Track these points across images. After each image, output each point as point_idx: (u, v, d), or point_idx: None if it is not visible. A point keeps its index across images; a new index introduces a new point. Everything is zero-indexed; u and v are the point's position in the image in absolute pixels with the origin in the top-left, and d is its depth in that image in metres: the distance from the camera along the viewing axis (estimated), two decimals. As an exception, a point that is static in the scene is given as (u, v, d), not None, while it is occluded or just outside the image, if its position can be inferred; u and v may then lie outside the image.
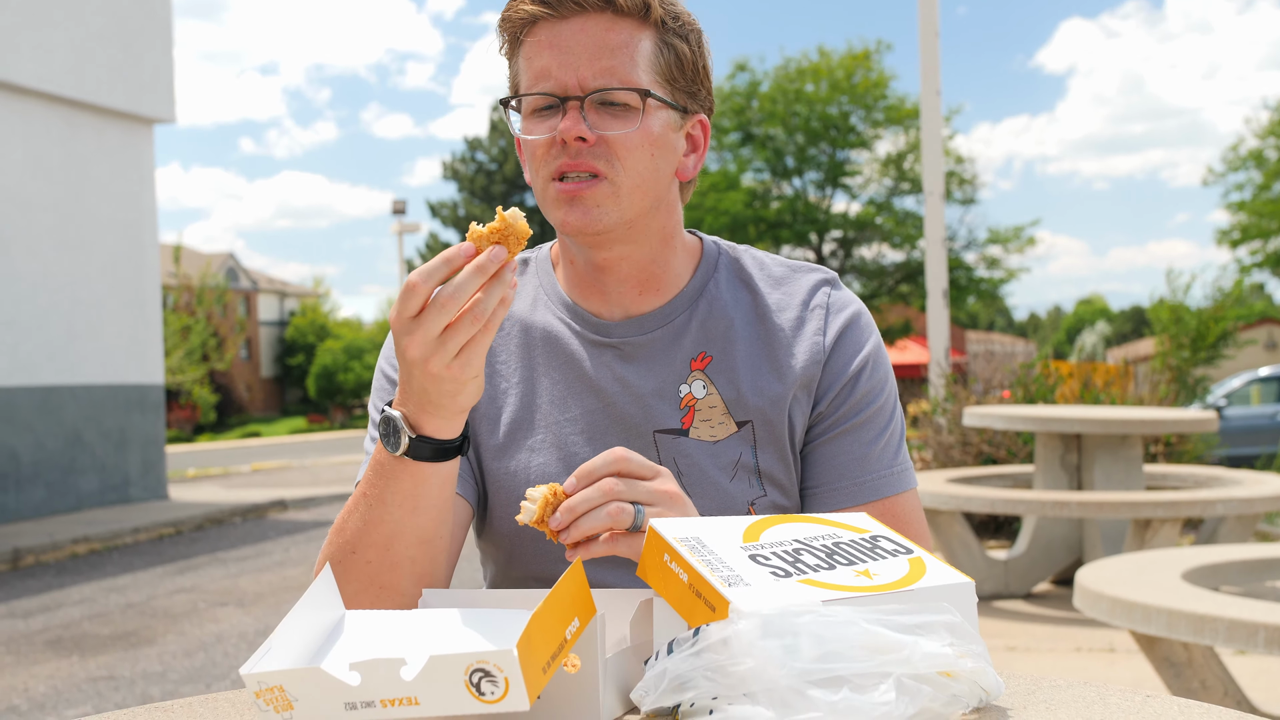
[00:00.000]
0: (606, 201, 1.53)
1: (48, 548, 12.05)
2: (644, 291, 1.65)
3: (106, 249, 15.66)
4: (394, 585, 1.46)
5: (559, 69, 1.51)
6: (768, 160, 38.01)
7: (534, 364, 1.67)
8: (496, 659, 0.97)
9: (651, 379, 1.62)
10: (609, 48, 1.51)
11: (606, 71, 1.51)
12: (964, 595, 1.15)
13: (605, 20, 1.52)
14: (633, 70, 1.52)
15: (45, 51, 14.46)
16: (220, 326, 39.26)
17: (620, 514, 1.31)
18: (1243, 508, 6.81)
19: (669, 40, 1.55)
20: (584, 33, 1.51)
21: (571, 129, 1.50)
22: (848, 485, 1.61)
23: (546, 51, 1.52)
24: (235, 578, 10.37)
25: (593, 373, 1.64)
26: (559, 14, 1.52)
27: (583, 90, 1.51)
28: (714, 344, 1.63)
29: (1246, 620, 3.46)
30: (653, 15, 1.53)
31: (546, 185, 1.55)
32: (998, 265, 38.46)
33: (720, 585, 1.07)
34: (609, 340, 1.64)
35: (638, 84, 1.52)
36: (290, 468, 25.22)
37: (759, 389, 1.60)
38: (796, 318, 1.64)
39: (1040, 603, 7.69)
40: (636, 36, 1.53)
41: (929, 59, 12.26)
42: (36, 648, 7.69)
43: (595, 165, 1.51)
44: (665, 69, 1.55)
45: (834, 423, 1.62)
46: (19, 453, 14.32)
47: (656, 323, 1.64)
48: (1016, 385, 11.09)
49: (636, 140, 1.53)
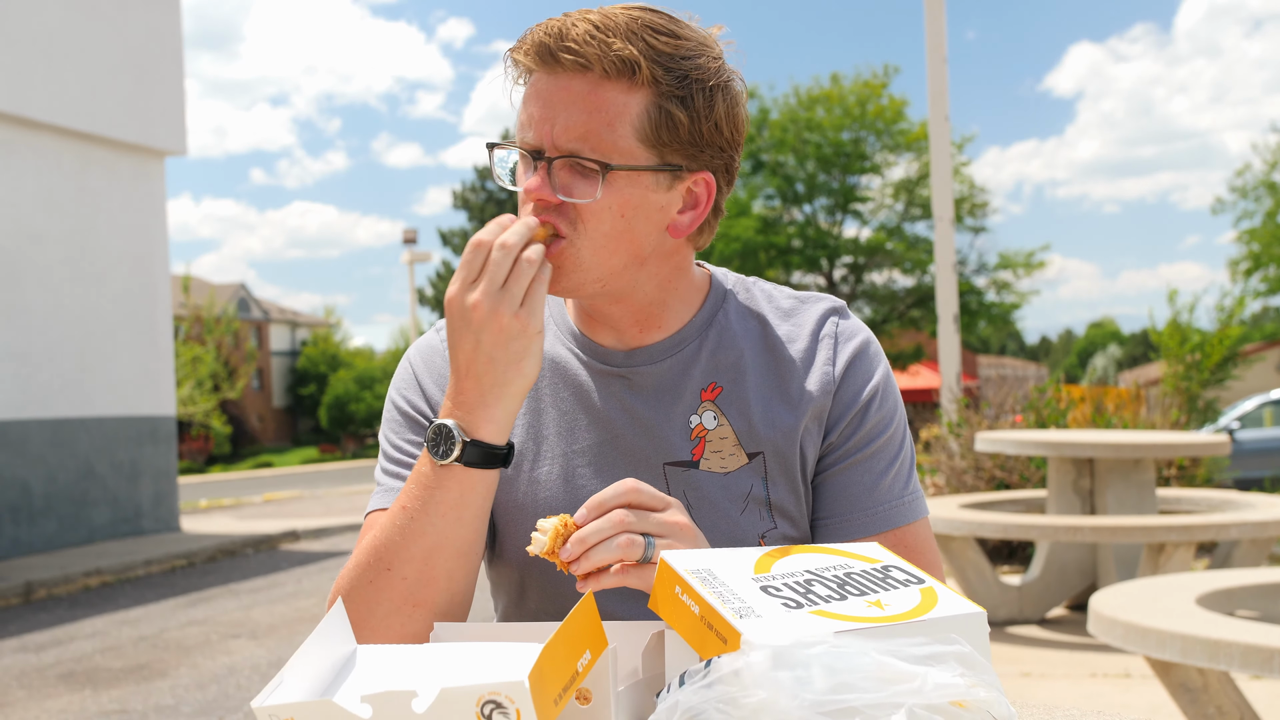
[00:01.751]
0: (567, 263, 1.52)
1: (59, 581, 12.05)
2: (644, 330, 1.64)
3: (118, 281, 15.72)
4: (429, 602, 1.45)
5: (538, 123, 1.51)
6: (778, 187, 38.11)
7: (541, 393, 1.66)
8: (508, 690, 0.97)
9: (661, 410, 1.61)
10: (587, 109, 1.48)
11: (579, 136, 1.48)
12: (976, 625, 1.15)
13: (592, 80, 1.48)
14: (608, 135, 1.48)
15: (58, 85, 14.56)
16: (231, 357, 39.36)
17: (631, 546, 1.31)
18: (1257, 531, 6.78)
19: (663, 103, 1.49)
20: (568, 91, 1.49)
21: (534, 190, 1.50)
22: (859, 516, 1.60)
23: (533, 102, 1.52)
24: (248, 609, 10.36)
25: (601, 403, 1.63)
26: (546, 68, 1.50)
27: (554, 149, 1.50)
28: (724, 375, 1.62)
29: (1262, 645, 3.44)
30: (640, 76, 1.48)
31: None
32: (1008, 289, 38.46)
33: (732, 617, 1.07)
34: (618, 370, 1.64)
35: (611, 152, 1.49)
36: (302, 498, 25.23)
37: (771, 420, 1.60)
38: (806, 348, 1.63)
39: (1055, 628, 7.66)
40: (624, 100, 1.48)
41: (937, 84, 12.29)
42: (49, 681, 7.68)
43: (558, 225, 1.51)
44: (652, 132, 1.50)
45: (845, 453, 1.61)
46: (31, 485, 14.35)
47: (665, 353, 1.63)
48: (1028, 409, 11.07)
49: (600, 207, 1.50)
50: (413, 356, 1.73)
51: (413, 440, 1.65)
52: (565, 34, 1.47)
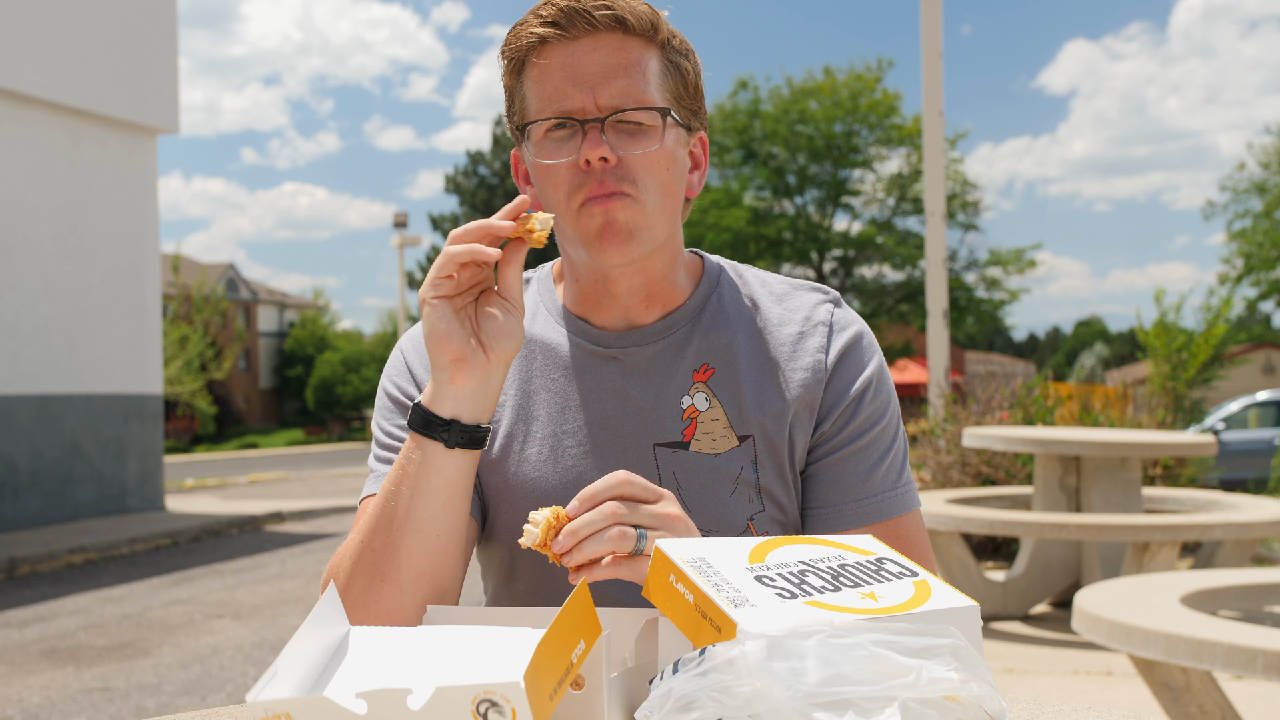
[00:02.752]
0: (636, 220, 1.52)
1: (44, 557, 12.03)
2: (649, 304, 1.64)
3: (108, 258, 15.67)
4: (393, 577, 1.44)
5: (574, 91, 1.50)
6: (769, 179, 38.09)
7: (532, 375, 1.66)
8: (504, 690, 0.97)
9: (652, 391, 1.61)
10: (623, 66, 1.51)
11: (623, 92, 1.50)
12: (969, 619, 1.15)
13: (616, 39, 1.51)
14: (646, 89, 1.52)
15: (51, 60, 14.49)
16: (219, 337, 39.23)
17: (623, 538, 1.30)
18: (1241, 532, 6.81)
19: (673, 59, 1.56)
20: (596, 52, 1.51)
21: (594, 150, 1.49)
22: (852, 507, 1.60)
23: (558, 73, 1.51)
24: (232, 589, 10.35)
25: (592, 384, 1.63)
26: (570, 34, 1.51)
27: (600, 111, 1.50)
28: (716, 356, 1.62)
29: (1245, 645, 3.45)
30: (660, 34, 1.54)
31: (578, 213, 1.53)
32: (998, 286, 38.53)
33: (726, 606, 1.07)
34: (609, 351, 1.64)
35: (654, 103, 1.52)
36: (288, 479, 25.20)
37: (761, 404, 1.60)
38: (798, 333, 1.63)
39: (1038, 624, 7.69)
40: (646, 55, 1.53)
41: (931, 80, 12.29)
42: (31, 658, 7.67)
43: (621, 187, 1.50)
44: (674, 87, 1.55)
45: (837, 444, 1.61)
46: (16, 462, 14.31)
47: (658, 334, 1.64)
48: (1016, 406, 11.10)
49: (657, 159, 1.52)
50: (404, 344, 1.73)
51: (403, 427, 1.65)
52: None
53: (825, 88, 36.78)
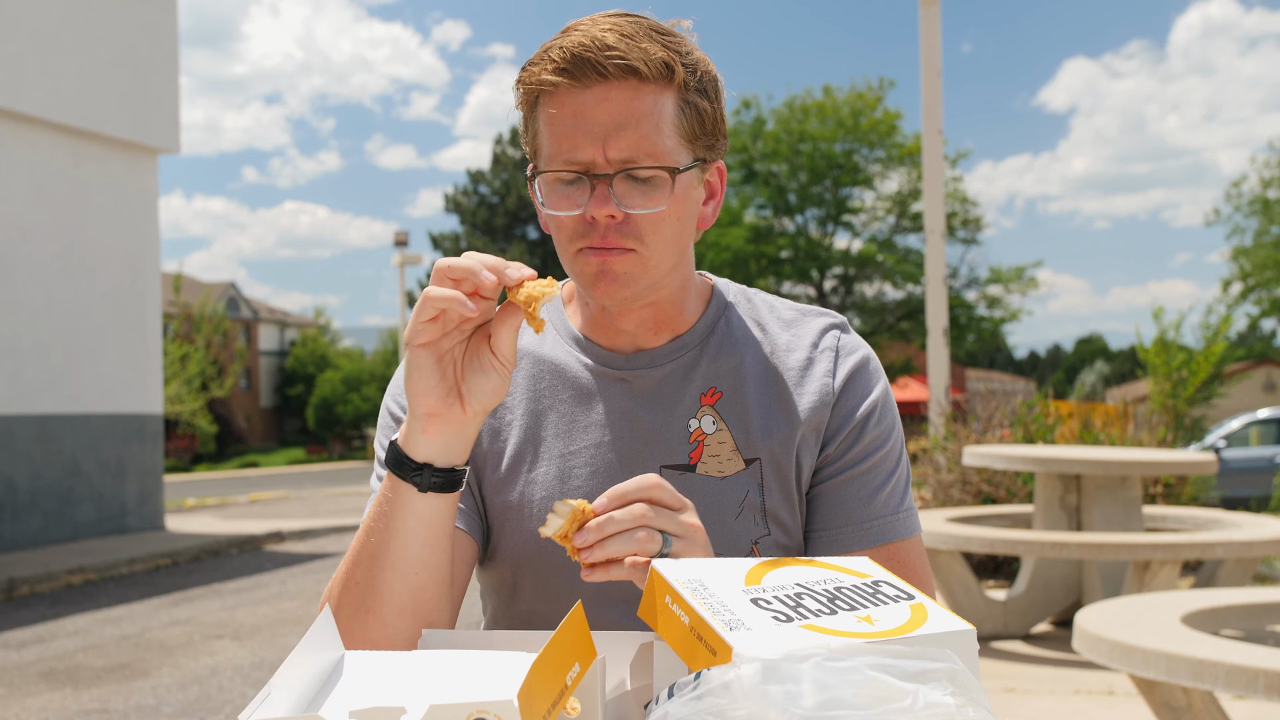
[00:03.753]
0: (635, 271, 1.51)
1: (43, 578, 12.00)
2: (658, 331, 1.64)
3: (108, 278, 15.69)
4: (377, 610, 1.43)
5: (584, 142, 1.47)
6: (770, 197, 38.16)
7: (540, 395, 1.66)
8: (497, 709, 0.97)
9: (660, 413, 1.61)
10: (634, 118, 1.47)
11: (633, 145, 1.47)
12: (965, 642, 1.15)
13: (629, 88, 1.47)
14: (658, 139, 1.48)
15: (52, 80, 14.53)
16: (220, 356, 39.23)
17: (649, 541, 1.28)
18: (1242, 551, 6.80)
19: (690, 100, 1.52)
20: (608, 102, 1.47)
21: (601, 209, 1.47)
22: (854, 530, 1.60)
23: (569, 121, 1.48)
24: (231, 610, 10.33)
25: (600, 406, 1.63)
26: (581, 83, 1.47)
27: (609, 165, 1.48)
28: (724, 380, 1.62)
29: (1246, 665, 3.44)
30: (676, 78, 1.49)
31: (575, 257, 1.53)
32: (999, 304, 38.55)
33: (722, 629, 1.06)
34: (618, 373, 1.63)
35: (664, 155, 1.49)
36: (288, 499, 25.17)
37: (768, 428, 1.59)
38: (806, 359, 1.63)
39: (1039, 644, 7.66)
40: (660, 102, 1.49)
41: (931, 98, 12.33)
42: (30, 679, 7.65)
43: (624, 243, 1.49)
44: (688, 129, 1.52)
45: (841, 466, 1.61)
46: (16, 482, 14.29)
47: (667, 357, 1.64)
48: (1016, 424, 11.08)
49: (665, 215, 1.51)
50: None
51: None
52: (604, 44, 1.46)
53: (826, 106, 36.87)
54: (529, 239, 48.24)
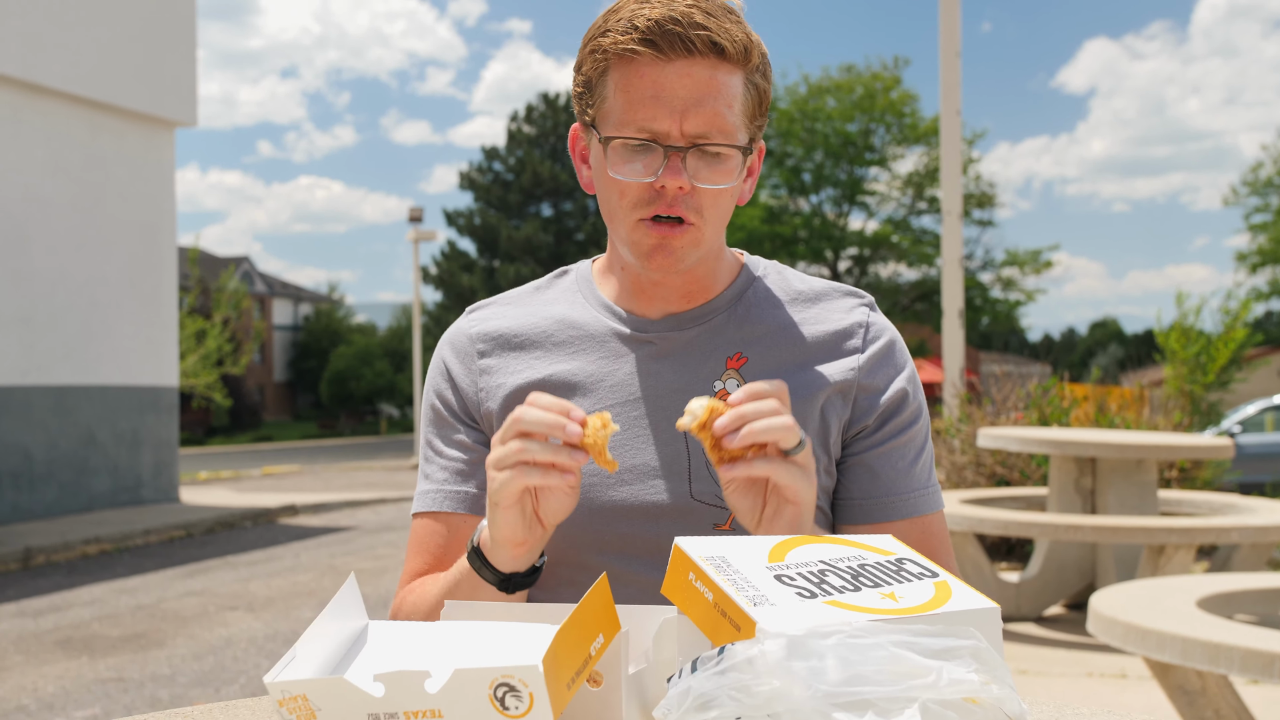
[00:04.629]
0: (690, 246, 1.55)
1: (59, 548, 12.08)
2: (689, 299, 1.67)
3: (125, 250, 15.73)
4: None
5: (663, 114, 1.49)
6: (785, 177, 38.05)
7: (568, 356, 1.68)
8: (522, 674, 0.97)
9: (686, 374, 1.63)
10: (712, 94, 1.50)
11: (709, 121, 1.50)
12: (989, 620, 1.15)
13: (709, 65, 1.49)
14: (730, 117, 1.51)
15: (70, 53, 14.54)
16: (236, 331, 39.39)
17: (789, 431, 1.33)
18: (1258, 535, 6.78)
19: (755, 80, 1.55)
20: (689, 77, 1.49)
21: (674, 179, 1.50)
22: (892, 500, 1.63)
23: (648, 91, 1.50)
24: (245, 582, 10.38)
25: (628, 366, 1.65)
26: (665, 56, 1.49)
27: (684, 139, 1.50)
28: (751, 346, 1.64)
29: (1262, 650, 3.44)
30: (752, 61, 1.52)
31: (635, 225, 1.55)
32: (1014, 286, 38.43)
33: (746, 605, 1.06)
34: (646, 336, 1.66)
35: (733, 133, 1.52)
36: (301, 473, 25.26)
37: (794, 389, 1.61)
38: (834, 331, 1.66)
39: (1052, 626, 7.66)
40: (734, 80, 1.52)
41: (950, 79, 12.26)
42: (46, 647, 7.70)
43: (686, 214, 1.52)
44: (751, 110, 1.55)
45: (878, 439, 1.64)
46: (32, 452, 14.37)
47: (694, 321, 1.66)
48: (1031, 407, 11.06)
49: (728, 193, 1.55)
50: (442, 347, 1.76)
51: (445, 436, 1.69)
52: (692, 20, 1.48)
53: (843, 86, 36.72)
54: (543, 216, 48.19)
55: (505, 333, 1.70)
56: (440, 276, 47.94)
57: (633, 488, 1.58)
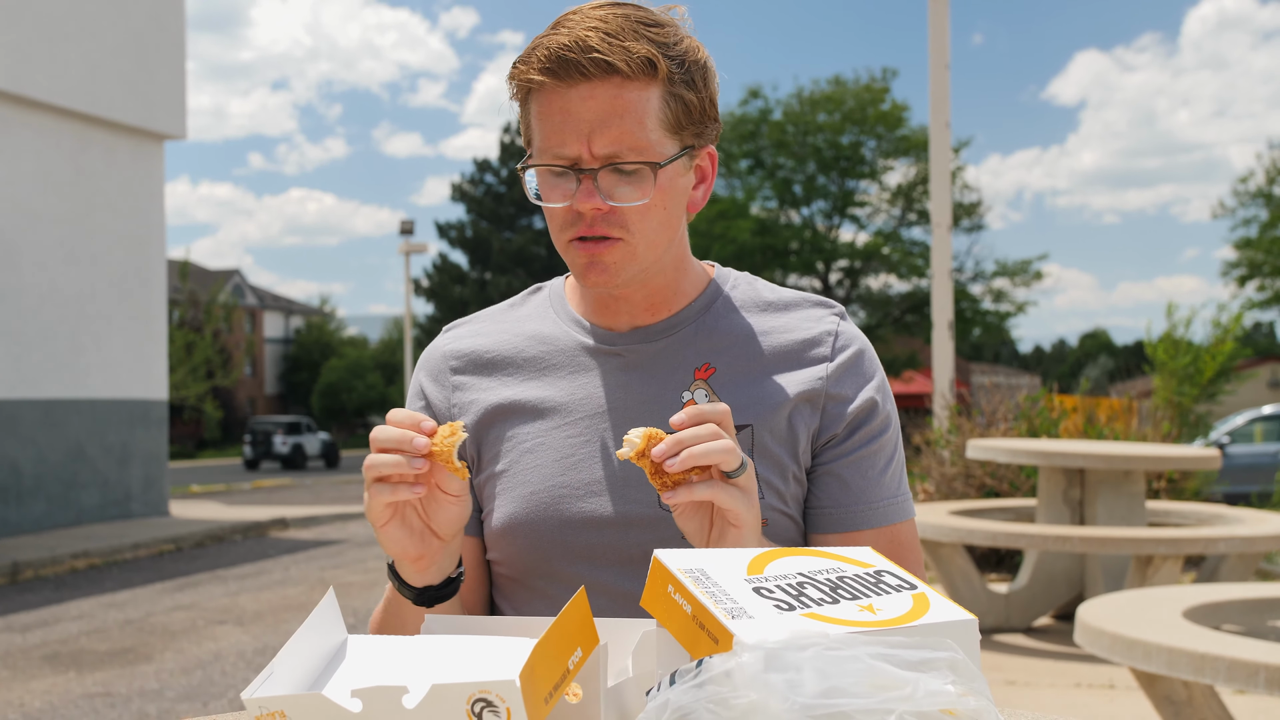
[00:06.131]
0: (624, 260, 1.57)
1: (47, 562, 12.03)
2: (654, 311, 1.68)
3: (114, 263, 15.70)
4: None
5: (570, 138, 1.52)
6: (776, 189, 38.10)
7: (538, 374, 1.70)
8: (499, 689, 0.97)
9: (654, 385, 1.65)
10: (616, 114, 1.51)
11: (616, 140, 1.52)
12: (967, 632, 1.15)
13: (611, 86, 1.51)
14: (641, 134, 1.52)
15: (59, 66, 14.53)
16: (226, 343, 39.29)
17: (730, 453, 1.34)
18: (1245, 546, 6.79)
19: (676, 91, 1.55)
20: (592, 99, 1.51)
21: (586, 202, 1.52)
22: (862, 509, 1.64)
23: (556, 118, 1.53)
24: (235, 596, 10.35)
25: (596, 378, 1.67)
26: (564, 82, 1.51)
27: (595, 160, 1.52)
28: (719, 356, 1.66)
29: (1247, 660, 3.44)
30: (660, 72, 1.53)
31: (567, 246, 1.59)
32: (1004, 298, 38.49)
33: (724, 617, 1.06)
34: (614, 349, 1.67)
35: (648, 149, 1.53)
36: (292, 486, 25.20)
37: (761, 397, 1.63)
38: (803, 339, 1.67)
39: (1040, 637, 7.67)
40: (644, 97, 1.53)
41: (939, 91, 12.30)
42: (33, 663, 7.67)
43: (610, 232, 1.55)
44: (673, 120, 1.56)
45: (848, 448, 1.64)
46: (20, 465, 14.32)
47: (662, 333, 1.67)
48: (1020, 418, 11.08)
49: (650, 206, 1.56)
50: (419, 369, 1.80)
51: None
52: (586, 44, 1.50)
53: (834, 98, 36.80)
54: (535, 228, 48.19)
55: (478, 350, 1.73)
56: (432, 289, 47.91)
57: (602, 499, 1.60)
